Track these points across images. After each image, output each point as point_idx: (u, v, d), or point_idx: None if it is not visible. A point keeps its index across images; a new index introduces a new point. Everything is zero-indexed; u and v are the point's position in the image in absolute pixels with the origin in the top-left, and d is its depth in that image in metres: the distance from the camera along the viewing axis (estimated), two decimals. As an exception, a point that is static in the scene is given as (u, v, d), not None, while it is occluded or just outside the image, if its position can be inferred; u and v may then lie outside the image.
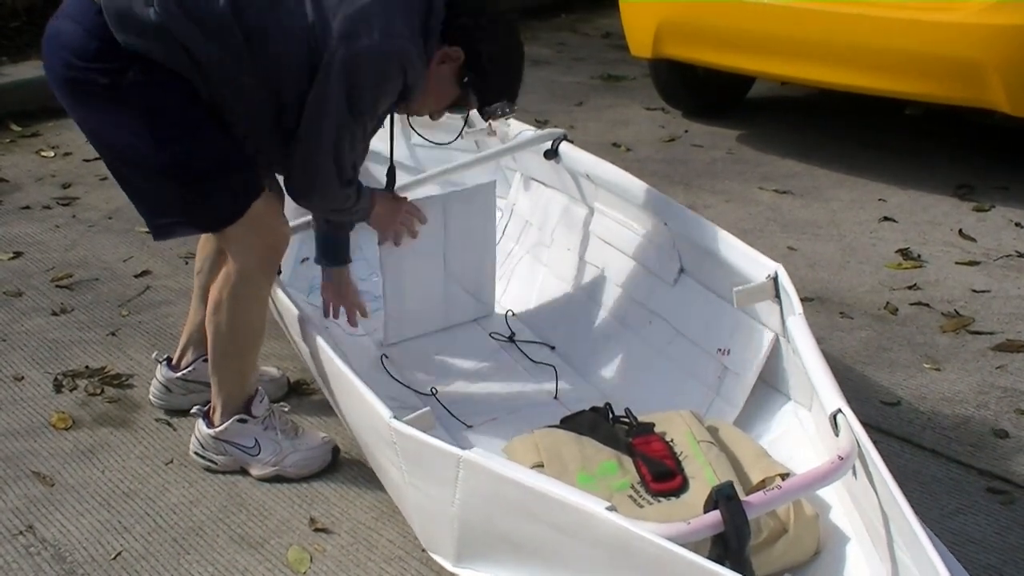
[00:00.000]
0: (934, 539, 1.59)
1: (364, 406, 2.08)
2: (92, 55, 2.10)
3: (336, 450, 2.46)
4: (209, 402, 2.44)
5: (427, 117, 2.47)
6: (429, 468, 1.93)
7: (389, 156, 2.67)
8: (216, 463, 2.43)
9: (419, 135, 2.72)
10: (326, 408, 2.62)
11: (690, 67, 4.80)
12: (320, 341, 2.30)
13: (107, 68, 2.10)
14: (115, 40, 2.08)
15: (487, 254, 2.96)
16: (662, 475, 2.00)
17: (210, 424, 2.42)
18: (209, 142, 2.19)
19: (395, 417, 1.96)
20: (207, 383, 2.64)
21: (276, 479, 2.41)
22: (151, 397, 2.73)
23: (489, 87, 2.34)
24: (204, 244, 2.64)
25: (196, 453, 2.46)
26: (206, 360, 2.63)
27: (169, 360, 2.69)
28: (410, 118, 2.58)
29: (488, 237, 2.95)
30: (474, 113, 2.50)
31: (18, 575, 2.16)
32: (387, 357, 2.78)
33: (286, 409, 2.58)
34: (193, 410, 2.46)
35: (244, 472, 2.43)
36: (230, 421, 2.38)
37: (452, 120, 2.56)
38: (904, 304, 3.21)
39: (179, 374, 2.68)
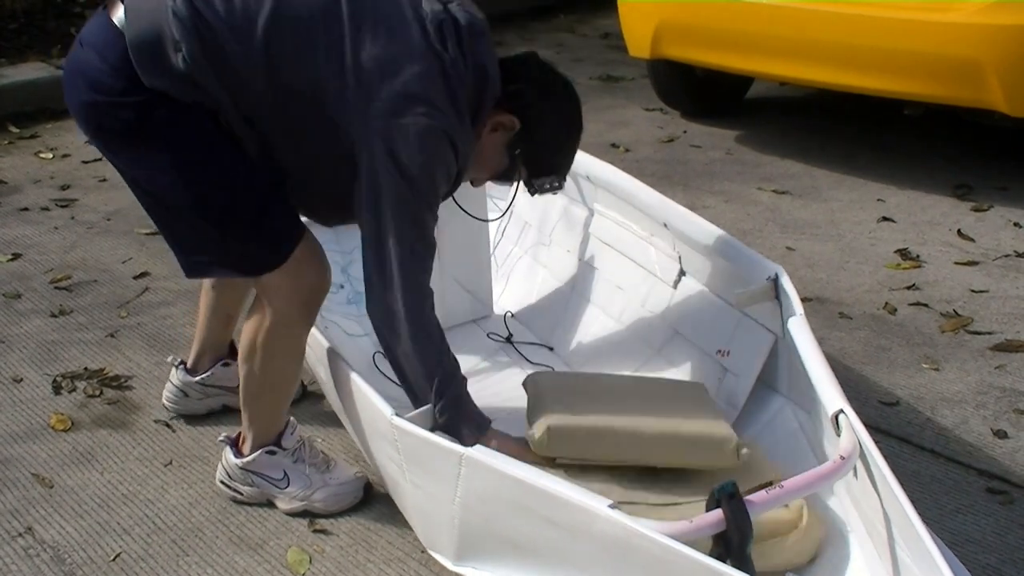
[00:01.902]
0: (936, 539, 1.59)
1: (365, 404, 2.08)
2: (119, 91, 1.98)
3: (368, 486, 2.35)
4: (239, 432, 2.34)
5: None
6: (430, 466, 1.93)
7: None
8: (242, 494, 2.34)
9: (462, 209, 2.57)
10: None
11: (689, 68, 4.80)
12: (320, 340, 2.29)
13: (135, 102, 1.98)
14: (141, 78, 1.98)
15: (482, 246, 2.95)
16: None
17: (238, 453, 2.32)
18: (248, 183, 2.06)
19: (397, 414, 1.96)
20: (226, 387, 2.63)
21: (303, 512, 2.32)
22: (165, 402, 2.69)
23: (540, 161, 2.19)
24: None
25: (222, 482, 2.36)
26: (225, 364, 2.63)
27: (184, 364, 2.65)
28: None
29: (481, 228, 2.94)
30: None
31: (17, 577, 2.16)
32: (382, 354, 2.77)
33: (318, 441, 2.50)
34: (221, 438, 2.37)
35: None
36: (259, 452, 2.28)
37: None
38: (903, 304, 3.21)
39: (198, 378, 2.64)
